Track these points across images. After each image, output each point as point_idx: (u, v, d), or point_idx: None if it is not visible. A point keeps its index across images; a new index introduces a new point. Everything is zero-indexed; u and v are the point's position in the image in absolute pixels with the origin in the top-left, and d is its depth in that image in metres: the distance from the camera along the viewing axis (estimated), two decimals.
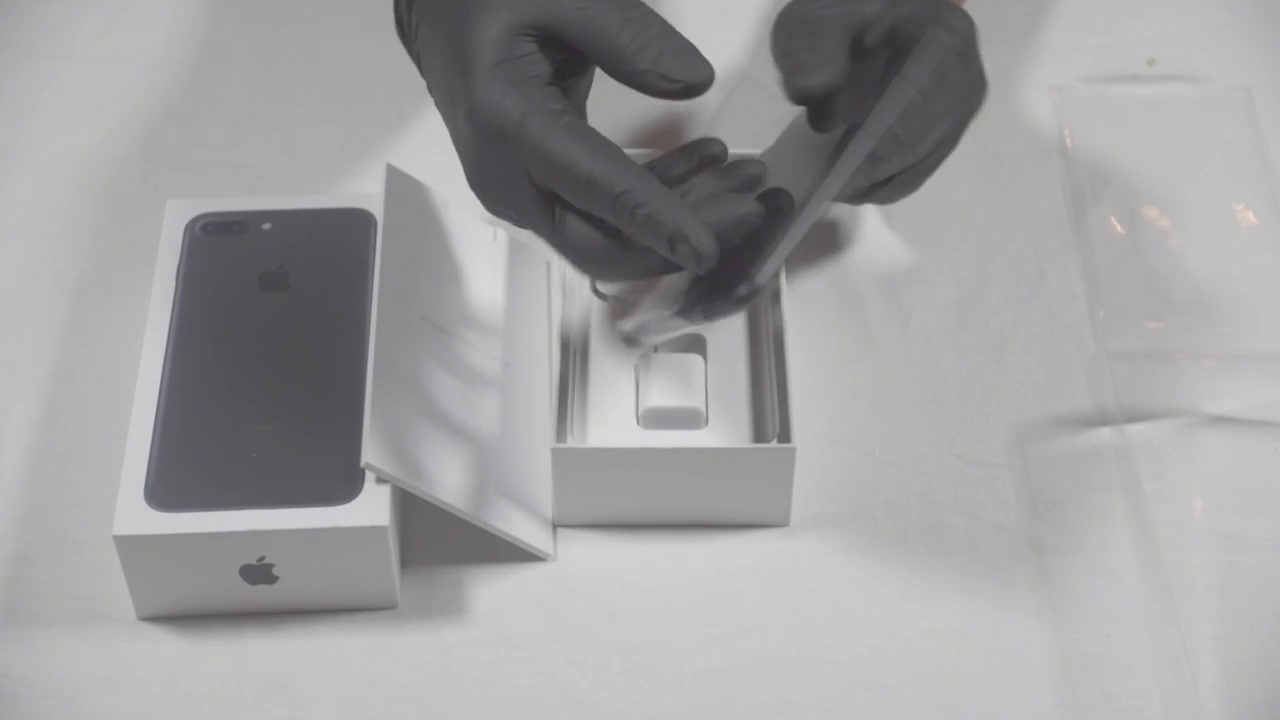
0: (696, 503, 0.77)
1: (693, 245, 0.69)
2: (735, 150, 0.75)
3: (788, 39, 0.80)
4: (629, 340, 0.77)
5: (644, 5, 0.72)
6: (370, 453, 0.72)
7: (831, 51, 0.79)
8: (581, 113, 0.74)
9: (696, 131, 0.93)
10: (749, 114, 0.93)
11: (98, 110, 0.96)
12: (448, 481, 0.74)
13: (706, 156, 0.74)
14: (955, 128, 0.80)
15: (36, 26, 1.00)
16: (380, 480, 0.73)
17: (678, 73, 0.71)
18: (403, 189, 0.81)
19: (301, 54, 0.99)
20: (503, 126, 0.70)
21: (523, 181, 0.71)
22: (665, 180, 0.73)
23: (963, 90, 0.80)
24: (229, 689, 0.74)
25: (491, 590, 0.77)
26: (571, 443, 0.78)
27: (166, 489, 0.73)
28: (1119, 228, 0.89)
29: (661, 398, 0.78)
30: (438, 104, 0.75)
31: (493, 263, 0.84)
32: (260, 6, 1.01)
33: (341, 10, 1.01)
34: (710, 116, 0.94)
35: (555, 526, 0.78)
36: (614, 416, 0.79)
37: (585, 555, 0.78)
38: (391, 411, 0.74)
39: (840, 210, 0.89)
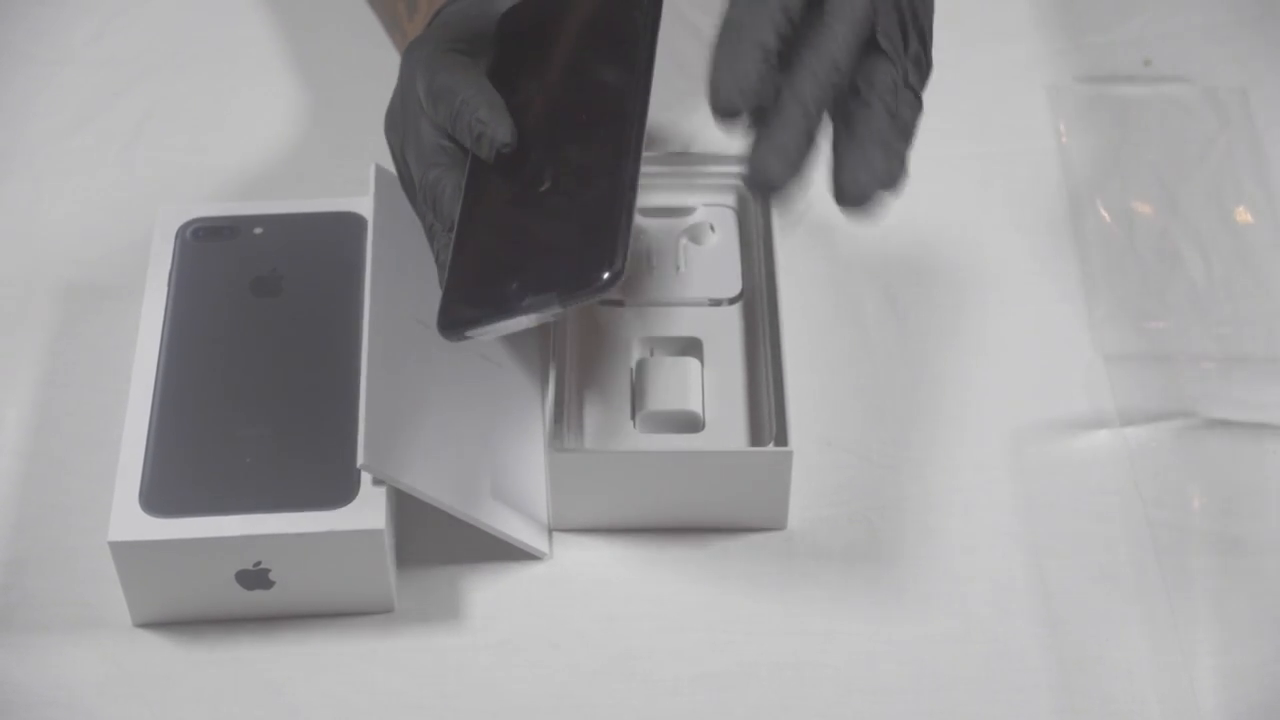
0: (693, 506, 0.77)
1: (489, 135, 0.73)
2: None
3: None
4: (453, 334, 0.73)
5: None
6: (366, 454, 0.72)
7: None
8: None
9: None
10: None
11: (91, 115, 0.96)
12: (443, 482, 0.74)
13: None
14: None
15: (30, 31, 1.00)
16: (376, 482, 0.73)
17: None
18: (391, 189, 0.81)
19: (294, 59, 0.99)
20: (409, 67, 0.77)
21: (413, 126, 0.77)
22: None
23: None
24: (225, 695, 0.73)
25: (488, 594, 0.76)
26: (568, 446, 0.77)
27: (161, 494, 0.73)
28: (1115, 229, 0.89)
29: (658, 401, 0.78)
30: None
31: None
32: (253, 12, 1.01)
33: (334, 16, 1.01)
34: None
35: (552, 530, 0.78)
36: (610, 420, 0.79)
37: (582, 559, 0.78)
38: (386, 413, 0.74)
39: (836, 213, 0.89)
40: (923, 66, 0.72)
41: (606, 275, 0.68)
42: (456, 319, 0.72)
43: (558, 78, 0.76)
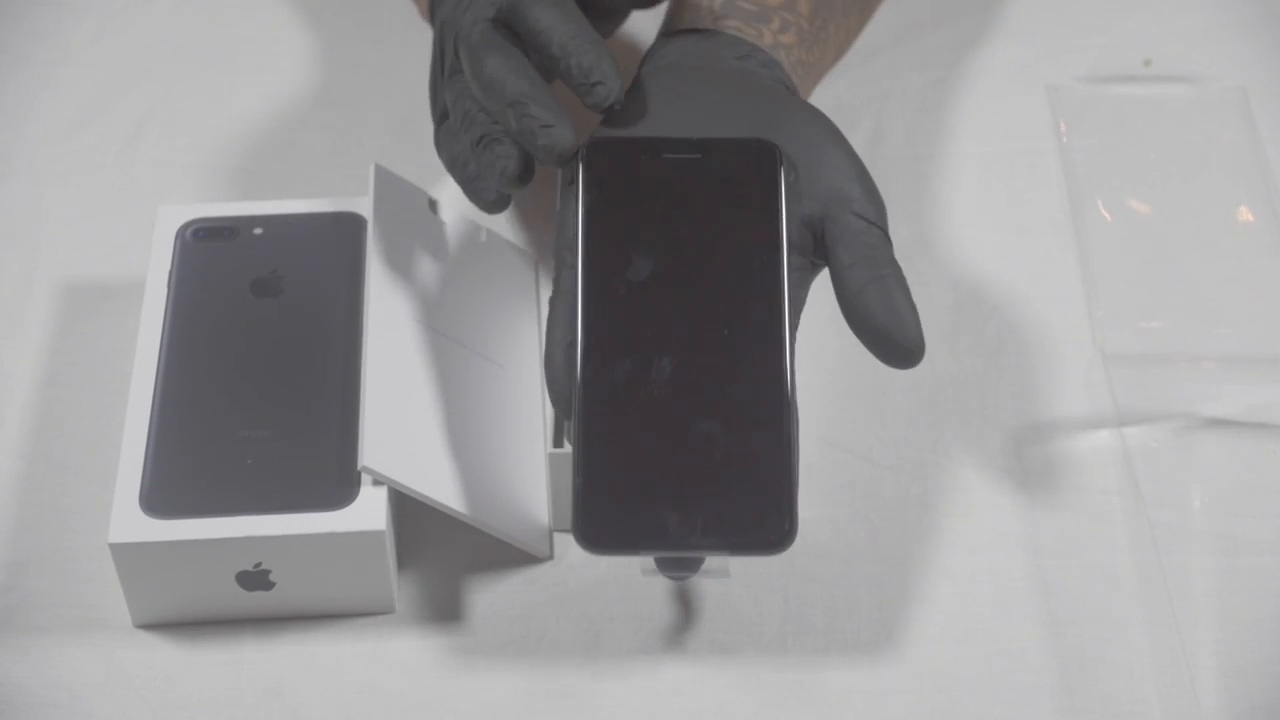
0: None
1: (605, 84, 0.71)
2: None
3: None
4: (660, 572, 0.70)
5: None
6: (368, 455, 0.72)
7: None
8: None
9: None
10: None
11: (91, 115, 0.96)
12: (444, 483, 0.74)
13: None
14: None
15: (29, 31, 1.00)
16: (377, 483, 0.73)
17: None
18: (391, 189, 0.81)
19: (293, 58, 0.99)
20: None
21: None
22: None
23: None
24: (226, 696, 0.73)
25: (489, 595, 0.76)
26: (568, 447, 0.77)
27: (162, 496, 0.73)
28: (1115, 229, 0.89)
29: None
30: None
31: (482, 262, 0.84)
32: (252, 11, 1.01)
33: (334, 14, 1.01)
34: None
35: (552, 531, 0.78)
36: None
37: (582, 560, 0.78)
38: (386, 414, 0.74)
39: None
40: None
41: (780, 540, 0.67)
42: (605, 536, 0.67)
43: (684, 249, 0.71)
